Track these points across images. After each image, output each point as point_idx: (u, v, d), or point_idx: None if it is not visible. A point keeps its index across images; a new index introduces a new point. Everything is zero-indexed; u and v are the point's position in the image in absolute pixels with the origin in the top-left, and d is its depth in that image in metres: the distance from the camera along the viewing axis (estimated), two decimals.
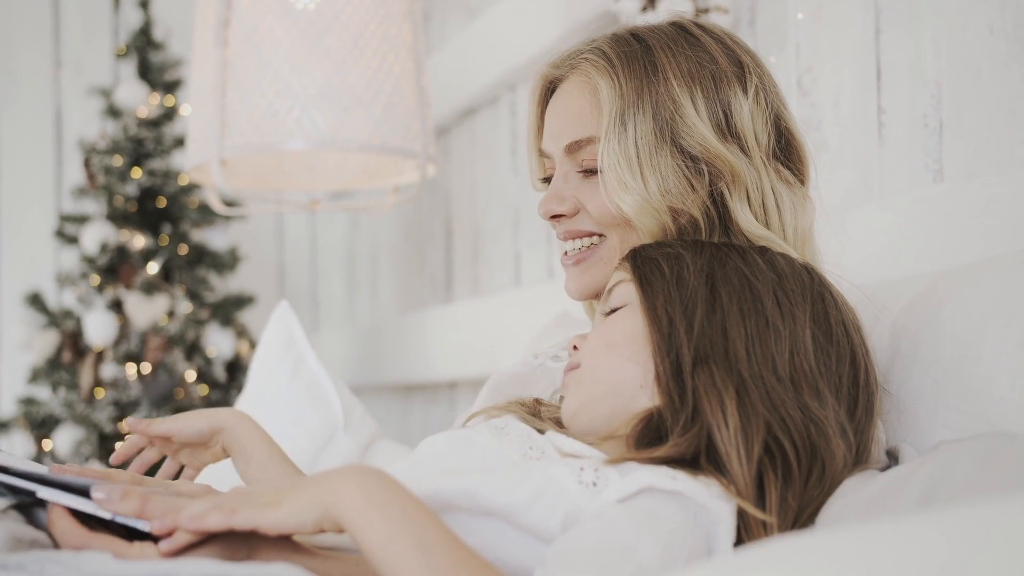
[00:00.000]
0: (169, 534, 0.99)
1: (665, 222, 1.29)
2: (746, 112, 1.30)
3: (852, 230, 1.66)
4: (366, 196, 3.39)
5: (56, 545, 1.01)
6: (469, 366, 2.94)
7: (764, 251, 1.21)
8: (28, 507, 1.03)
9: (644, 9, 2.10)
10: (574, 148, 1.35)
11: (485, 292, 3.04)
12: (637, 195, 1.27)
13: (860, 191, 1.80)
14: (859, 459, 1.12)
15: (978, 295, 1.22)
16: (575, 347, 1.24)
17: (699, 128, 1.28)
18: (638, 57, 1.31)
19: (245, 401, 2.05)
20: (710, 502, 1.01)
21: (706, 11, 2.02)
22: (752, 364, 1.10)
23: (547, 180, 1.45)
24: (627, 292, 1.21)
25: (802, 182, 1.38)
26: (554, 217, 1.38)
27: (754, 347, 1.11)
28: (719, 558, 0.72)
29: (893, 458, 1.25)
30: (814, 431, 1.07)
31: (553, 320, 2.20)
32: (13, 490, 1.02)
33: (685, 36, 1.34)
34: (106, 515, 0.99)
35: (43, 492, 1.00)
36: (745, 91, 1.31)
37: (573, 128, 1.34)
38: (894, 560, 0.61)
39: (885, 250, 1.66)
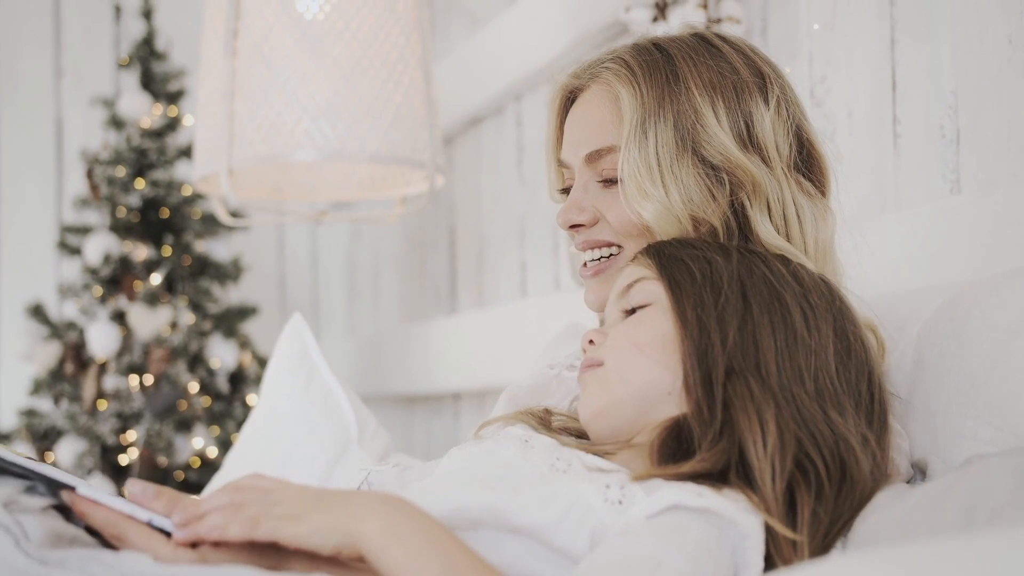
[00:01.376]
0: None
1: (686, 231, 1.29)
2: (767, 123, 1.29)
3: (869, 241, 1.65)
4: (370, 207, 3.38)
5: (99, 542, 1.01)
6: (474, 377, 2.93)
7: (786, 261, 1.21)
8: (68, 509, 1.04)
9: (655, 20, 2.09)
10: (594, 157, 1.34)
11: (490, 303, 3.03)
12: (658, 203, 1.26)
13: (875, 201, 1.80)
14: (880, 472, 1.11)
15: (1005, 307, 1.21)
16: (591, 341, 1.22)
17: (720, 138, 1.27)
18: (660, 66, 1.30)
19: (258, 414, 2.04)
20: (738, 516, 1.00)
21: (718, 21, 2.01)
22: (782, 378, 1.09)
23: (566, 191, 1.44)
24: (651, 290, 1.19)
25: (823, 194, 1.37)
26: (573, 227, 1.37)
27: (783, 361, 1.10)
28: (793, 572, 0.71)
29: (920, 471, 1.24)
30: (842, 447, 1.06)
31: (563, 331, 2.19)
32: (50, 485, 1.01)
33: (706, 46, 1.33)
34: (143, 516, 0.99)
35: (84, 489, 1.01)
36: (767, 102, 1.31)
37: (594, 137, 1.34)
38: None
39: (903, 261, 1.65)
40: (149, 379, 3.02)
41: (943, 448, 1.20)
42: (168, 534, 1.00)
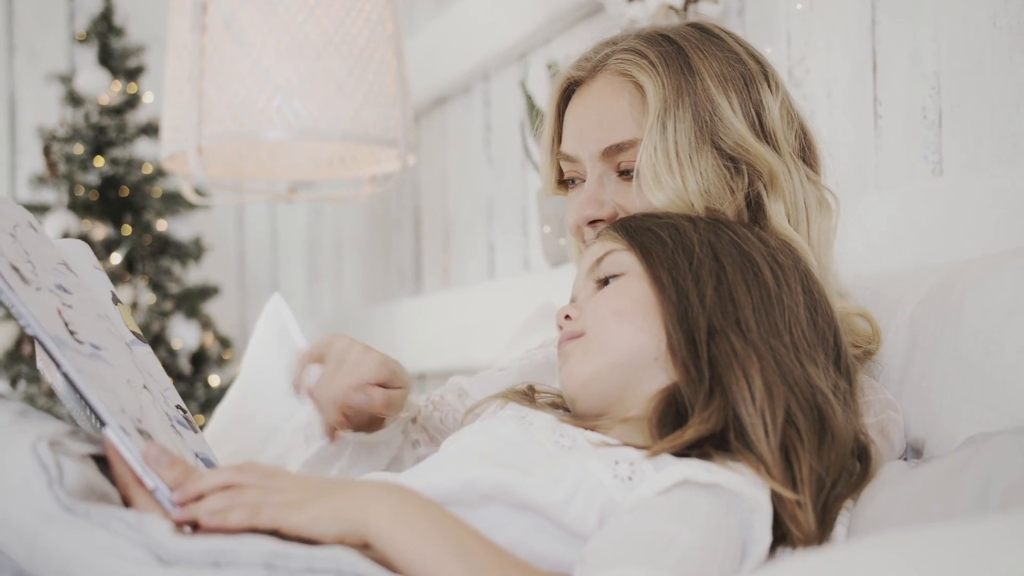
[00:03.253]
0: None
1: None
2: (776, 111, 1.29)
3: (853, 221, 1.66)
4: (334, 186, 3.34)
5: (123, 503, 0.99)
6: (441, 358, 2.92)
7: (750, 226, 1.22)
8: (105, 459, 1.01)
9: None
10: (613, 151, 1.30)
11: (456, 284, 3.01)
12: (671, 192, 1.24)
13: (855, 182, 1.80)
14: (853, 422, 1.12)
15: (1000, 288, 1.21)
16: (567, 316, 1.21)
17: (737, 128, 1.26)
18: (674, 57, 1.28)
19: (238, 394, 2.01)
20: (746, 490, 1.00)
21: (696, 0, 2.01)
22: (761, 332, 1.10)
23: (562, 184, 1.41)
24: (623, 260, 1.19)
25: (818, 175, 1.37)
26: (591, 223, 1.32)
27: (760, 316, 1.11)
28: (820, 555, 0.71)
29: (915, 450, 1.25)
30: (819, 398, 1.08)
31: (538, 311, 2.18)
32: (92, 411, 0.99)
33: (709, 37, 1.32)
34: (149, 484, 0.97)
35: (110, 432, 0.98)
36: (772, 91, 1.30)
37: (614, 131, 1.30)
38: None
39: (886, 242, 1.66)
40: None
41: (938, 428, 1.21)
42: None
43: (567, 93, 1.38)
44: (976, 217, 1.54)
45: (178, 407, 1.23)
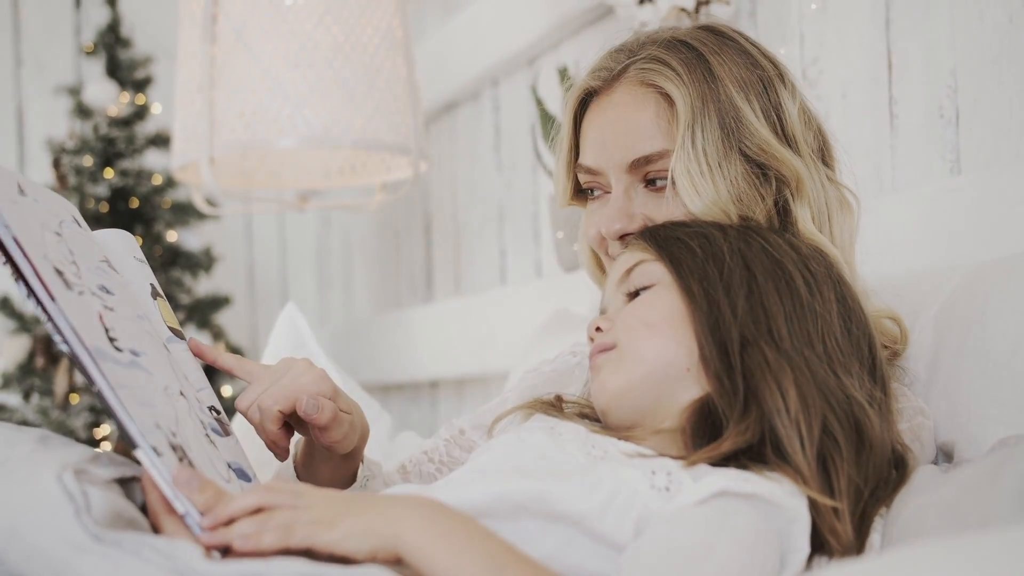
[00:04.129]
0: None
1: None
2: (795, 114, 1.28)
3: (871, 222, 1.65)
4: (343, 195, 3.33)
5: (152, 529, 0.98)
6: (453, 366, 2.91)
7: (781, 233, 1.21)
8: (128, 481, 1.01)
9: (642, 1, 2.07)
10: (642, 163, 1.28)
11: (468, 291, 3.00)
12: (709, 201, 1.23)
13: (872, 183, 1.79)
14: (890, 432, 1.11)
15: None
16: (598, 328, 1.20)
17: (762, 134, 1.24)
18: (695, 64, 1.26)
19: None
20: (785, 500, 0.99)
21: (707, 2, 2.00)
22: (795, 342, 1.09)
23: (579, 195, 1.39)
24: (653, 271, 1.18)
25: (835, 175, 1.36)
26: (621, 238, 1.30)
27: (793, 325, 1.10)
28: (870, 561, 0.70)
29: (945, 453, 1.23)
30: (855, 408, 1.07)
31: (554, 316, 2.17)
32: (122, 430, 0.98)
33: (724, 40, 1.30)
34: (180, 509, 0.97)
35: (141, 454, 0.97)
36: (789, 92, 1.29)
37: (641, 142, 1.27)
38: None
39: (904, 243, 1.64)
40: None
41: (968, 432, 1.20)
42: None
43: (583, 103, 1.36)
44: (995, 216, 1.53)
45: (212, 408, 1.23)
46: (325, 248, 3.83)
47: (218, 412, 1.23)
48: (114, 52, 3.18)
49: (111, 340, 1.03)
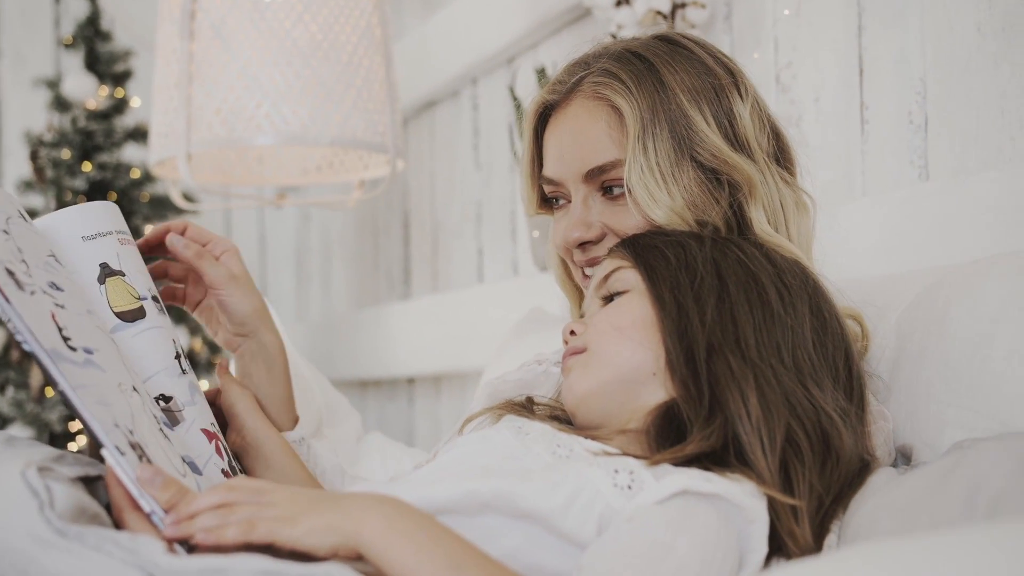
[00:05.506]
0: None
1: None
2: (747, 118, 1.30)
3: (840, 226, 1.67)
4: (322, 191, 3.34)
5: (116, 525, 1.00)
6: (430, 363, 2.92)
7: (759, 244, 1.23)
8: (93, 481, 1.03)
9: (619, 3, 2.09)
10: (596, 173, 1.31)
11: (445, 288, 3.02)
12: (667, 208, 1.25)
13: (842, 187, 1.81)
14: (863, 446, 1.13)
15: (986, 294, 1.22)
16: (572, 332, 1.23)
17: (713, 140, 1.27)
18: (645, 75, 1.29)
19: None
20: (745, 500, 1.01)
21: (683, 6, 2.02)
22: (762, 353, 1.11)
23: (545, 204, 1.42)
24: (628, 278, 1.21)
25: (794, 177, 1.39)
26: (580, 245, 1.34)
27: (761, 335, 1.12)
28: (816, 561, 0.71)
29: (904, 456, 1.25)
30: (823, 420, 1.09)
31: (527, 316, 2.19)
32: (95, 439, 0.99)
33: (678, 49, 1.33)
34: (145, 507, 0.98)
35: (107, 453, 0.98)
36: (742, 98, 1.32)
37: (596, 153, 1.31)
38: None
39: (873, 247, 1.67)
40: None
41: (925, 434, 1.21)
42: None
43: (543, 116, 1.39)
44: (962, 222, 1.55)
45: (160, 397, 1.23)
46: (304, 244, 3.84)
47: (167, 400, 1.24)
48: (93, 45, 3.17)
49: (65, 340, 1.03)
